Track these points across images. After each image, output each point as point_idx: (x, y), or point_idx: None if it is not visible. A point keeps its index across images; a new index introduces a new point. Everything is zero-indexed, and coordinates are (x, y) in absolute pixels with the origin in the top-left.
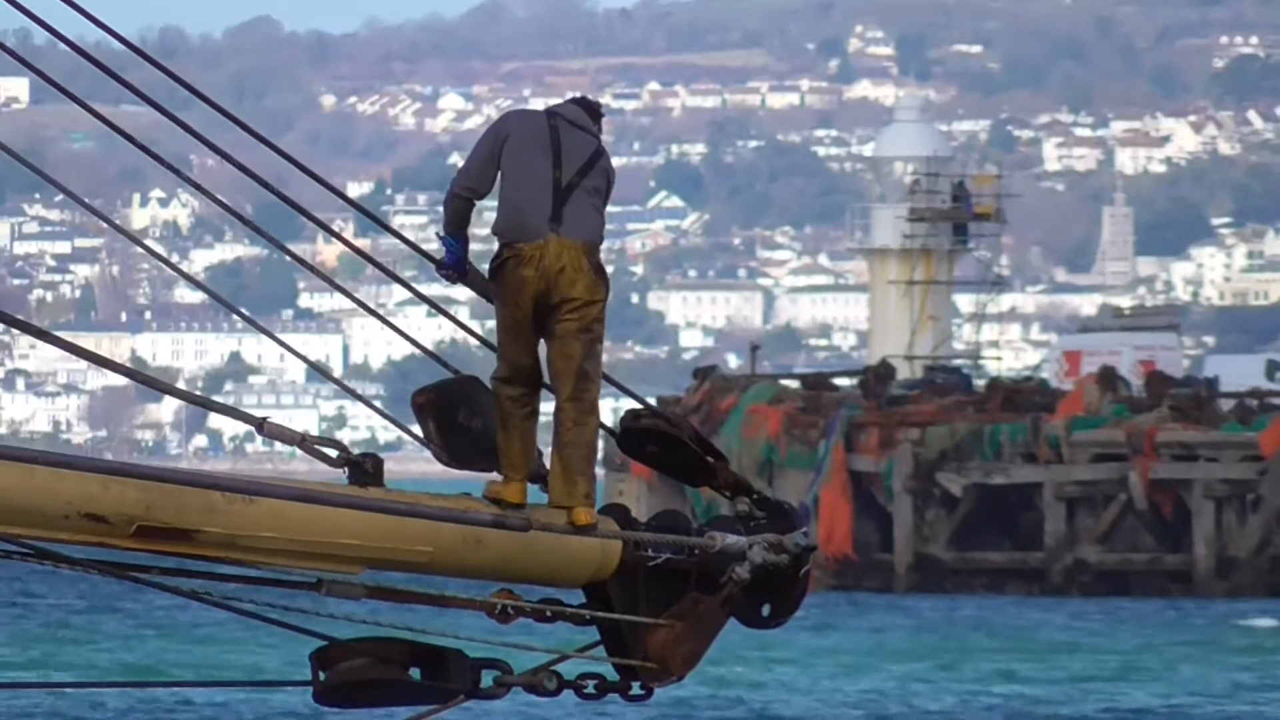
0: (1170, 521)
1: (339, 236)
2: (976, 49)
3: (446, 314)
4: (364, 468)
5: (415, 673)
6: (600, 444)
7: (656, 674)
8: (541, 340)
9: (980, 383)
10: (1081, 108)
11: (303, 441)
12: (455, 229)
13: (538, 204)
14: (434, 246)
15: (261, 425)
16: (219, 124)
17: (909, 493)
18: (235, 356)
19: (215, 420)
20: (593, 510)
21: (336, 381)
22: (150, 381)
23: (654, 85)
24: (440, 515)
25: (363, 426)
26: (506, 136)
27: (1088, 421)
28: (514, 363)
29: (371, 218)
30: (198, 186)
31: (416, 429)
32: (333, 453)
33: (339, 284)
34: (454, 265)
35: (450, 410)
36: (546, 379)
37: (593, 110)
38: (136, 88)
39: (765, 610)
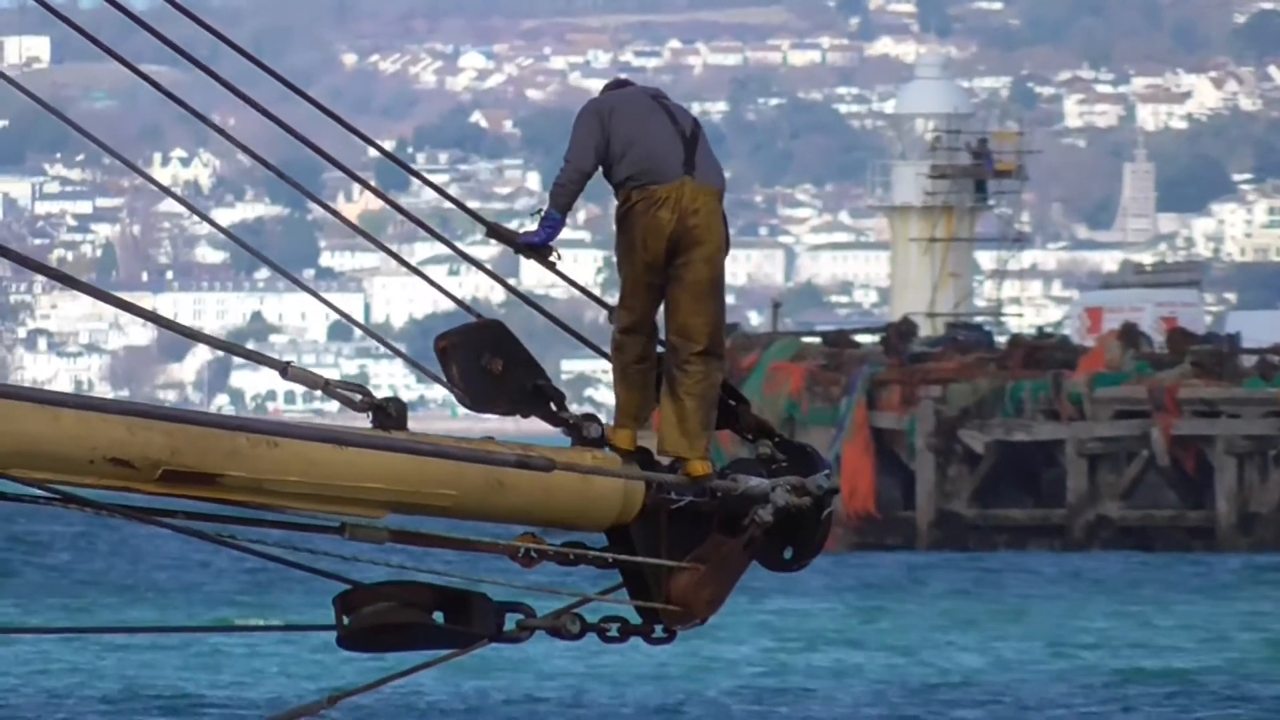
0: (1192, 477)
1: (370, 187)
2: (997, 5)
3: (485, 269)
4: (387, 411)
5: (439, 616)
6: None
7: (680, 616)
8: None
9: (1002, 340)
10: (1102, 64)
11: (326, 385)
12: (567, 206)
13: (671, 149)
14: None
15: (285, 369)
16: (241, 83)
17: (931, 450)
18: (257, 316)
19: (237, 380)
20: (709, 463)
21: (366, 329)
22: (183, 330)
23: (675, 43)
24: (464, 455)
25: (384, 385)
26: (611, 110)
27: (1109, 378)
28: (638, 311)
29: (409, 170)
30: (229, 138)
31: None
32: (356, 397)
33: (371, 235)
34: (544, 242)
35: (473, 354)
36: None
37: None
38: (168, 38)
39: (787, 553)
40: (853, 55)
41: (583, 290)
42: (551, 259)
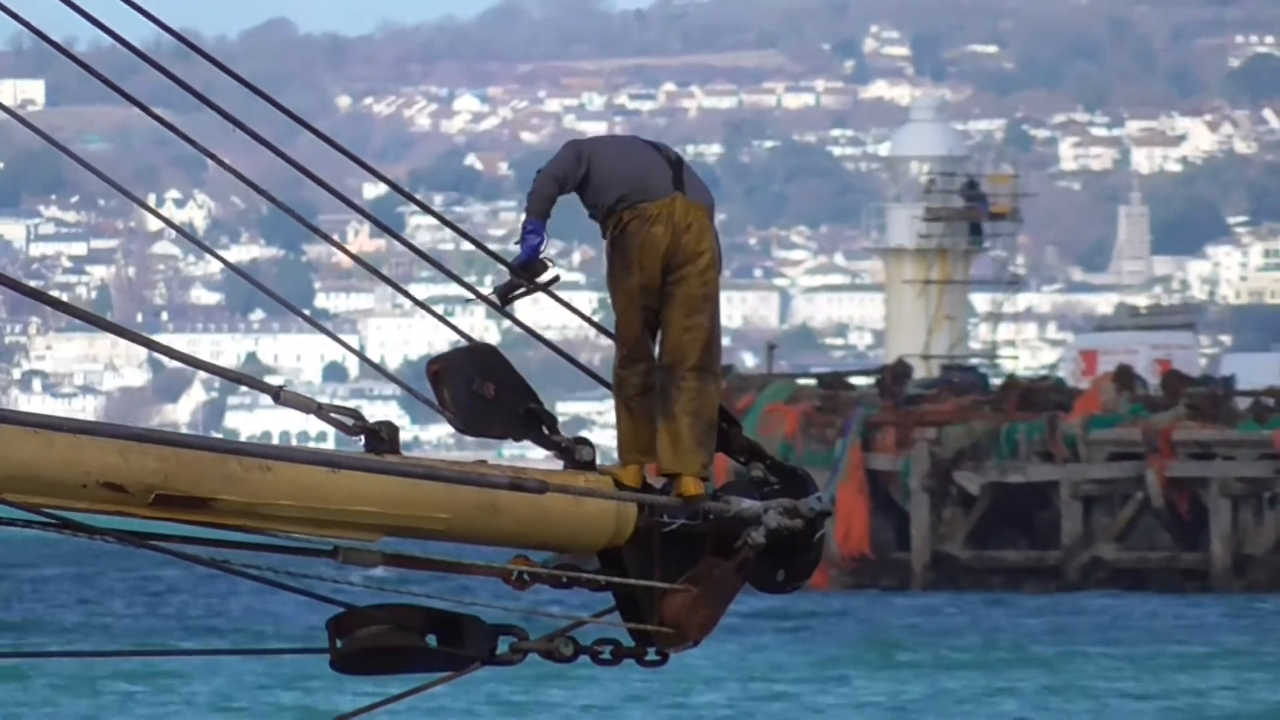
0: (1187, 520)
1: (369, 215)
2: (992, 49)
3: (505, 313)
4: (380, 435)
5: (432, 639)
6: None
7: (673, 639)
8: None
9: (997, 382)
10: (1097, 107)
11: (319, 409)
12: (545, 212)
13: (659, 170)
14: (449, 248)
15: (278, 393)
16: (232, 127)
17: (926, 491)
18: (251, 357)
19: (231, 420)
20: (702, 482)
21: (365, 358)
22: (190, 360)
23: (670, 86)
24: (456, 478)
25: None
26: (592, 148)
27: (1104, 420)
28: (635, 340)
29: (410, 197)
30: (229, 168)
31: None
32: (348, 421)
33: (373, 267)
34: (531, 256)
35: (464, 378)
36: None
37: None
38: (173, 73)
39: (779, 575)
40: (847, 98)
41: (577, 312)
42: (547, 276)
